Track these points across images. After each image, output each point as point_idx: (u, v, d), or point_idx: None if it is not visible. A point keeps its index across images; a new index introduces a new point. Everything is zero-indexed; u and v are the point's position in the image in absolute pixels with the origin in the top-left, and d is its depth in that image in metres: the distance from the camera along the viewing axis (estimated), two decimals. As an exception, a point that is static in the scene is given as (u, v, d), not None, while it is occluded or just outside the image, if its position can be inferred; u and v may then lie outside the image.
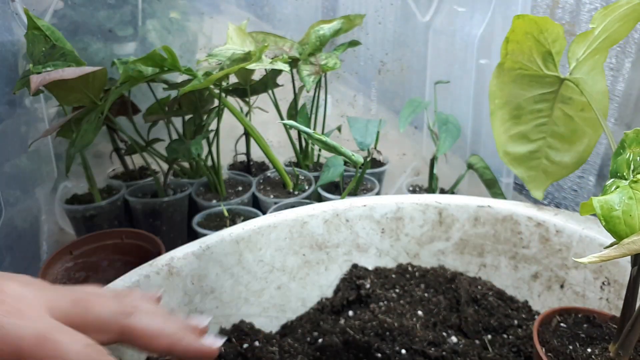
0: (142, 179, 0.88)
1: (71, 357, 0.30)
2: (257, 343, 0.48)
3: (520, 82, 0.49)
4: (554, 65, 0.46)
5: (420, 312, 0.50)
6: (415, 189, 0.93)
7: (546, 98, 0.49)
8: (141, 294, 0.37)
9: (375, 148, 0.92)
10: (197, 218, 0.77)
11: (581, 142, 0.49)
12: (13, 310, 0.29)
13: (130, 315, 0.34)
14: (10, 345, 0.29)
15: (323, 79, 0.89)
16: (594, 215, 0.33)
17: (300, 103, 0.91)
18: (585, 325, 0.42)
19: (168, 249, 0.52)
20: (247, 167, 0.94)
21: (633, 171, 0.34)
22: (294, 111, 0.91)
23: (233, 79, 0.86)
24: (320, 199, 0.83)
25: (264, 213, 0.79)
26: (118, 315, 0.33)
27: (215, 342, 0.36)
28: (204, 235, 0.51)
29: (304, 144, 0.92)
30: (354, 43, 0.90)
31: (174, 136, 0.82)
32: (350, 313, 0.52)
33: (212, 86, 0.75)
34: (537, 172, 0.52)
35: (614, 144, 0.37)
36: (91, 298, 0.33)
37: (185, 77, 0.77)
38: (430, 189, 0.87)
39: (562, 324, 0.42)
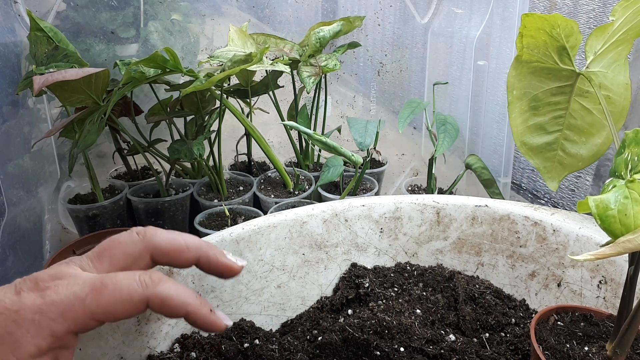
0: (145, 179, 0.89)
1: (134, 287, 0.31)
2: (257, 341, 0.48)
3: (538, 75, 0.49)
4: (569, 59, 0.46)
5: (418, 311, 0.51)
6: (414, 189, 0.94)
7: (563, 91, 0.48)
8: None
9: (374, 148, 0.92)
10: (199, 217, 0.77)
11: (599, 135, 0.48)
12: (60, 287, 0.30)
13: (153, 237, 0.35)
14: (78, 311, 0.30)
15: (323, 80, 0.90)
16: (591, 214, 0.34)
17: (300, 104, 0.91)
18: (582, 324, 0.42)
19: (170, 248, 0.53)
20: (248, 167, 0.95)
21: (630, 171, 0.35)
22: (294, 112, 0.91)
23: (234, 80, 0.87)
24: (320, 198, 0.84)
25: (265, 212, 0.79)
26: (140, 242, 0.34)
27: (239, 260, 0.37)
28: (206, 234, 0.52)
29: (304, 144, 0.93)
30: (353, 45, 0.91)
31: (176, 136, 0.83)
32: (350, 311, 0.53)
33: (213, 87, 0.76)
34: (553, 164, 0.51)
35: (618, 141, 0.38)
36: (110, 244, 0.34)
37: (187, 78, 0.78)
38: (429, 189, 0.88)
39: (559, 322, 0.42)
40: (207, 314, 0.33)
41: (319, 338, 0.48)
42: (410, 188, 0.94)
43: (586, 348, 0.39)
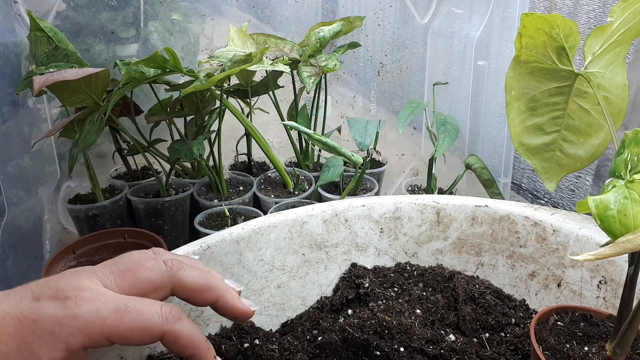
0: (145, 179, 0.89)
1: (155, 319, 0.31)
2: (257, 341, 0.48)
3: (537, 75, 0.49)
4: (567, 59, 0.46)
5: (418, 311, 0.51)
6: (414, 189, 0.94)
7: (561, 91, 0.48)
8: (173, 252, 0.38)
9: (374, 148, 0.92)
10: (199, 217, 0.77)
11: (597, 136, 0.48)
12: (82, 300, 0.30)
13: (179, 270, 0.35)
14: (97, 330, 0.30)
15: (323, 80, 0.90)
16: (591, 214, 0.34)
17: (300, 104, 0.91)
18: (582, 324, 0.42)
19: (170, 248, 0.53)
20: (248, 167, 0.95)
21: (630, 171, 0.35)
22: (294, 112, 0.91)
23: (234, 80, 0.87)
24: (320, 198, 0.84)
25: (265, 212, 0.79)
26: (167, 274, 0.35)
27: (252, 305, 0.38)
28: (206, 234, 0.52)
29: (304, 144, 0.93)
30: (353, 45, 0.91)
31: (176, 136, 0.83)
32: (350, 311, 0.53)
33: (213, 87, 0.76)
34: (551, 164, 0.51)
35: (617, 142, 0.38)
36: (136, 266, 0.34)
37: (187, 78, 0.78)
38: (429, 189, 0.88)
39: (559, 323, 0.42)
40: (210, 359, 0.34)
41: (319, 338, 0.48)
42: (410, 188, 0.94)
43: (586, 348, 0.39)
